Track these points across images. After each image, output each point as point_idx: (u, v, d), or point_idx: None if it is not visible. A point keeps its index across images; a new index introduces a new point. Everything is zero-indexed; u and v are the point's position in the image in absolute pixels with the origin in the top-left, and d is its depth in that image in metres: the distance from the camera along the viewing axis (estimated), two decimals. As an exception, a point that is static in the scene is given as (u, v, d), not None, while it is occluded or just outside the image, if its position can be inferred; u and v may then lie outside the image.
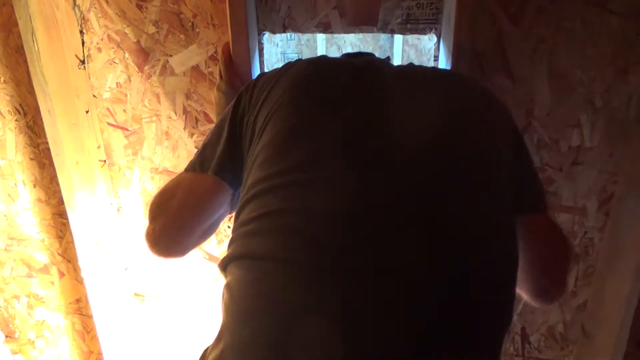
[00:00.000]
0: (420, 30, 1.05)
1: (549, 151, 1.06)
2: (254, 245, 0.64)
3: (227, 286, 0.65)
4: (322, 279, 0.65)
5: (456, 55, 0.97)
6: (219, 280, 1.33)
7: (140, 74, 1.16)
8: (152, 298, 1.38)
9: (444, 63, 1.04)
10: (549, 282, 0.80)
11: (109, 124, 1.22)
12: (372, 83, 0.71)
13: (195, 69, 1.13)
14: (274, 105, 0.71)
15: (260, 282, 0.62)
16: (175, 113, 1.18)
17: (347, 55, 0.88)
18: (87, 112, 1.18)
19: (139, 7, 1.09)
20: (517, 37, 0.99)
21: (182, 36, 1.10)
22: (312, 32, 1.10)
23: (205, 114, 1.17)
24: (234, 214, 0.72)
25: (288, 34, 1.18)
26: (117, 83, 1.17)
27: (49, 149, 1.15)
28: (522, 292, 0.81)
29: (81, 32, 1.13)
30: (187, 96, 1.16)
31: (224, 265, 0.67)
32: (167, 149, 1.22)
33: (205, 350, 0.69)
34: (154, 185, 1.26)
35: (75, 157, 1.17)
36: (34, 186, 1.30)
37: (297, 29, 1.08)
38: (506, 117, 0.76)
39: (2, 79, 1.20)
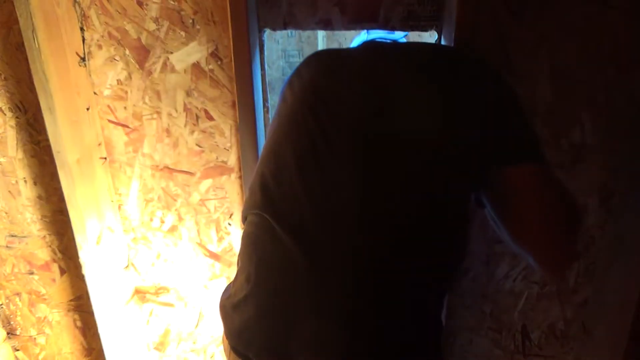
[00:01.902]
0: (422, 27, 1.05)
1: (551, 148, 1.06)
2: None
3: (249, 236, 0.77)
4: (321, 281, 0.67)
5: (457, 52, 0.96)
6: (219, 279, 1.34)
7: (141, 71, 1.15)
8: (153, 295, 1.39)
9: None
10: (547, 244, 0.70)
11: (109, 121, 1.22)
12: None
13: (196, 66, 1.13)
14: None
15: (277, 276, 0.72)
16: (176, 110, 1.18)
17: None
18: (87, 109, 1.18)
19: (140, 4, 1.09)
20: (518, 33, 0.99)
21: (182, 33, 1.10)
22: (313, 29, 1.09)
23: (206, 111, 1.17)
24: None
25: (289, 31, 1.18)
26: (117, 80, 1.17)
27: (49, 146, 1.15)
28: (531, 260, 0.72)
29: (82, 29, 1.13)
30: (188, 93, 1.16)
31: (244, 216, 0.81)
32: (168, 146, 1.22)
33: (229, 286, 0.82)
34: (155, 183, 1.26)
35: (76, 154, 1.17)
36: (35, 183, 1.30)
37: (298, 25, 1.08)
38: (476, 85, 0.75)
39: (2, 76, 1.20)
